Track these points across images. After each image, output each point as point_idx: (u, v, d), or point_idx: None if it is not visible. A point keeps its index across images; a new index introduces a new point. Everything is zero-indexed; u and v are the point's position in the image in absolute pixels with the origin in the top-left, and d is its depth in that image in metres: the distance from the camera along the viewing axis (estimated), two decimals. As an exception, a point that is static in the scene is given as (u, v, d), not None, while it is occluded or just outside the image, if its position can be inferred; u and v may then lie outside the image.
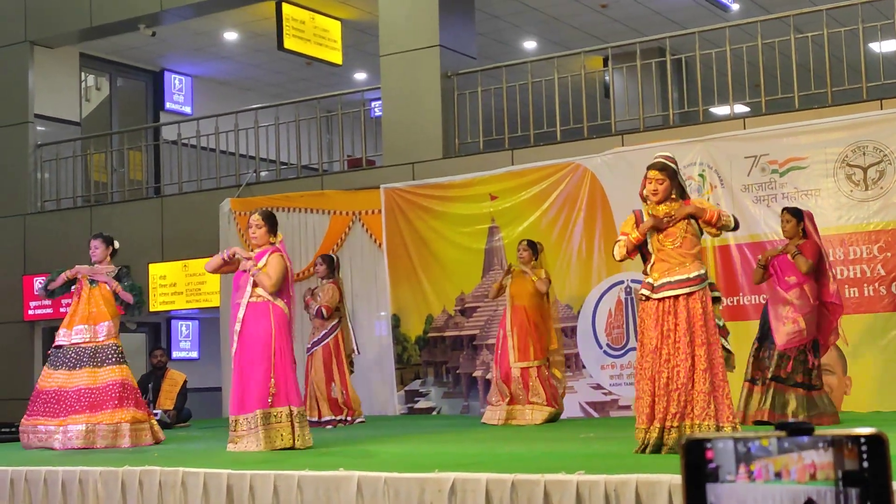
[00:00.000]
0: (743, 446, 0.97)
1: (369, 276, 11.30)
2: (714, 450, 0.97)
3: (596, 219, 10.01)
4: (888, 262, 8.77)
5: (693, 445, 0.98)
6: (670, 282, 5.90)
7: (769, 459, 0.96)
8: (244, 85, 16.71)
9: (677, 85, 11.49)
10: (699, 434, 0.99)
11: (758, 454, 0.97)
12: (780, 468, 0.96)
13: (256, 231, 7.10)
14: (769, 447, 0.97)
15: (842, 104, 9.53)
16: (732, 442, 0.98)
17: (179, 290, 12.94)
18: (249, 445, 6.88)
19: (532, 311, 8.96)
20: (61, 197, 14.22)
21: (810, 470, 0.96)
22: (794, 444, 0.96)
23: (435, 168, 11.20)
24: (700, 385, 5.78)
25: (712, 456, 0.97)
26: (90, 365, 8.01)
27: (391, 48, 11.81)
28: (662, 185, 5.98)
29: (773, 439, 0.97)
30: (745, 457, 0.97)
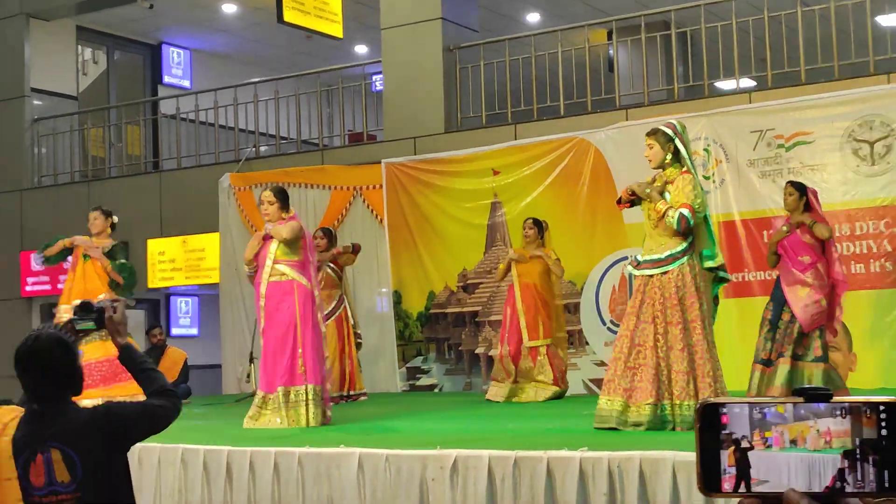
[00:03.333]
0: (758, 412, 0.96)
1: (370, 251, 11.21)
2: (729, 415, 0.96)
3: (599, 194, 9.91)
4: (894, 238, 8.68)
5: (708, 410, 0.97)
6: (647, 261, 6.01)
7: (785, 426, 0.95)
8: (243, 58, 16.57)
9: (682, 59, 11.36)
10: (714, 398, 0.97)
11: (773, 421, 0.96)
12: (796, 435, 0.95)
13: (269, 208, 7.16)
14: (785, 414, 0.95)
15: (848, 78, 9.42)
16: (748, 407, 0.97)
17: (178, 266, 12.86)
18: (272, 422, 6.90)
19: (542, 289, 8.91)
20: (58, 172, 14.12)
21: (826, 437, 0.95)
22: (811, 412, 0.95)
23: (437, 143, 11.10)
24: (678, 365, 5.77)
25: (727, 421, 0.96)
26: (98, 338, 7.96)
27: (392, 21, 11.68)
28: (651, 149, 6.06)
29: (790, 406, 0.95)
30: (759, 423, 0.96)
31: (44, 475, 3.14)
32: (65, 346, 3.25)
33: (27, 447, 3.15)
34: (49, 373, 3.20)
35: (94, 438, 3.20)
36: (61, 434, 3.18)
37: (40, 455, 3.15)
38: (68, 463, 3.14)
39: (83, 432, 3.20)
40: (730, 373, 8.21)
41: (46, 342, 3.23)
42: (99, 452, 3.21)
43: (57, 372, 3.22)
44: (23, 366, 3.23)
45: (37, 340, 3.24)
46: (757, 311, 8.90)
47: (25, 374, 3.23)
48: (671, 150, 6.02)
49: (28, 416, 3.23)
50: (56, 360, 3.22)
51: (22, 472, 3.15)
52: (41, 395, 3.23)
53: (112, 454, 3.29)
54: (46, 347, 3.22)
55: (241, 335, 11.54)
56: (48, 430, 3.19)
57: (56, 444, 3.16)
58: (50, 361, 3.21)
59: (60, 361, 3.23)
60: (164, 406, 3.37)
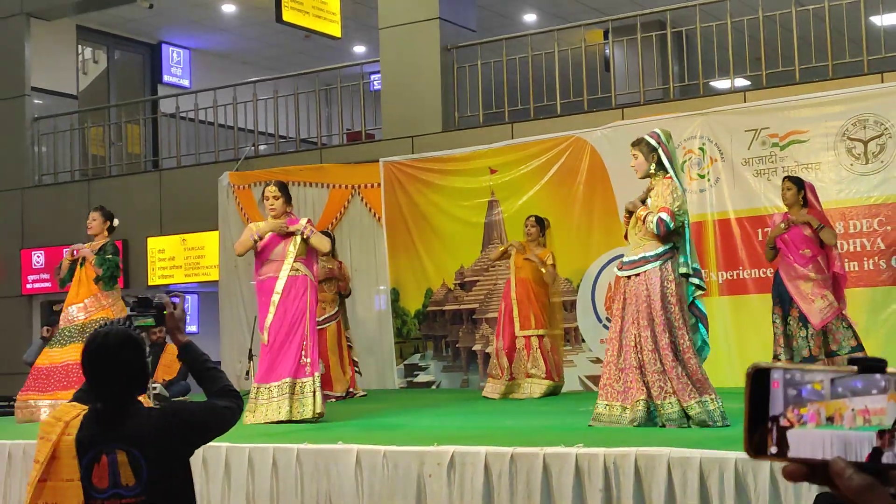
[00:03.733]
0: (793, 389, 0.95)
1: (368, 249, 11.27)
2: (780, 380, 0.95)
3: (595, 192, 9.98)
4: (888, 236, 8.75)
5: (758, 374, 0.96)
6: (626, 262, 6.13)
7: (821, 403, 0.94)
8: (242, 58, 16.62)
9: (678, 58, 11.42)
10: (765, 363, 0.96)
11: (809, 398, 0.95)
12: (833, 412, 0.94)
13: (274, 202, 7.28)
14: (822, 391, 0.94)
15: (843, 77, 9.48)
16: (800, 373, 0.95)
17: (178, 264, 12.92)
18: (271, 414, 6.98)
19: (535, 284, 9.00)
20: (59, 171, 14.17)
21: (864, 415, 0.94)
22: (848, 389, 0.94)
23: (434, 141, 11.16)
24: (650, 366, 5.85)
25: (777, 386, 0.95)
26: (79, 340, 8.02)
27: (390, 21, 11.73)
28: (636, 160, 6.14)
29: (827, 383, 0.94)
30: (795, 400, 0.95)
31: (107, 477, 3.02)
32: (134, 344, 3.17)
33: (92, 447, 3.03)
34: (117, 371, 3.10)
35: (161, 440, 3.09)
36: (128, 435, 3.06)
37: (105, 456, 3.03)
38: (134, 465, 3.03)
39: (150, 434, 3.08)
40: (723, 369, 8.31)
41: (116, 339, 3.13)
42: (165, 455, 3.10)
43: (125, 370, 3.12)
44: (91, 363, 3.12)
45: (106, 337, 3.13)
46: (751, 309, 8.99)
47: (93, 371, 3.13)
48: (655, 160, 6.09)
49: (93, 415, 3.11)
50: (125, 358, 3.12)
51: (84, 473, 3.02)
52: (108, 393, 3.12)
53: (178, 457, 3.17)
54: (115, 344, 3.13)
55: (241, 332, 11.59)
56: (114, 430, 3.07)
57: (122, 446, 3.04)
58: (119, 359, 3.11)
59: (130, 359, 3.13)
60: (229, 407, 3.27)
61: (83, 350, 3.14)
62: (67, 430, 3.05)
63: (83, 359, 3.14)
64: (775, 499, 4.46)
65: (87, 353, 3.13)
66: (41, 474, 3.05)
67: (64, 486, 3.02)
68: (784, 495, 4.45)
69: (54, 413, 3.16)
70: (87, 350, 3.13)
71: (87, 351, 3.13)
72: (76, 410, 3.11)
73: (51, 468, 3.05)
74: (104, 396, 3.12)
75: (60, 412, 3.14)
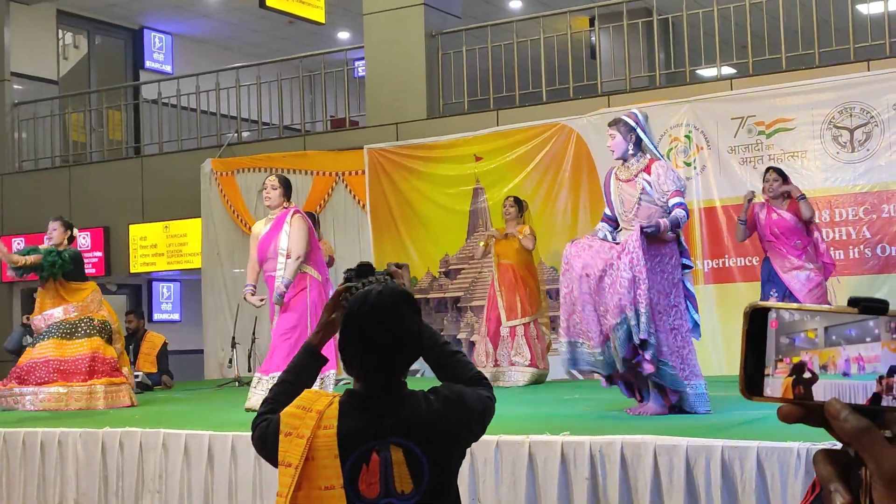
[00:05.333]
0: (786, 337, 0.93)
1: (352, 237, 11.21)
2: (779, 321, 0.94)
3: (581, 180, 9.95)
4: (874, 225, 8.74)
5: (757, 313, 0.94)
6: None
7: (814, 352, 0.93)
8: (225, 44, 16.50)
9: (664, 45, 11.38)
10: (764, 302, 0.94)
11: (802, 346, 0.93)
12: (827, 360, 0.93)
13: (272, 192, 7.19)
14: (815, 339, 0.93)
15: (829, 65, 9.47)
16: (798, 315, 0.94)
17: (160, 252, 12.82)
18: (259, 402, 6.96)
19: (519, 268, 8.95)
20: (39, 157, 14.04)
21: (858, 363, 0.92)
22: (842, 337, 0.93)
23: (419, 128, 11.09)
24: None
25: (776, 326, 0.94)
26: (56, 336, 7.96)
27: (375, 6, 11.65)
28: (613, 139, 6.07)
29: (821, 331, 0.93)
30: (787, 349, 0.93)
31: (379, 482, 2.36)
32: (413, 307, 2.51)
33: (360, 443, 2.38)
34: (394, 339, 2.43)
35: (444, 432, 2.44)
36: (403, 425, 2.41)
37: (376, 455, 2.37)
38: (413, 466, 2.38)
39: (431, 423, 2.42)
40: (710, 357, 8.29)
41: (391, 298, 2.45)
42: (448, 451, 2.47)
43: (404, 338, 2.45)
44: (358, 330, 2.44)
45: (380, 296, 2.44)
46: (738, 297, 8.97)
47: (360, 341, 2.44)
48: (633, 140, 6.02)
49: (354, 401, 2.46)
50: (405, 323, 2.46)
51: (349, 478, 2.36)
52: (377, 370, 2.45)
53: (460, 454, 2.56)
54: (391, 305, 2.44)
55: (223, 321, 11.52)
56: (386, 420, 2.42)
57: (397, 440, 2.39)
58: (397, 324, 2.44)
59: (409, 325, 2.47)
60: (491, 398, 2.62)
61: (345, 318, 2.45)
62: (323, 421, 2.39)
63: (344, 328, 2.45)
64: (762, 486, 4.44)
65: (354, 318, 2.44)
66: (296, 481, 2.37)
67: (321, 496, 2.35)
68: (770, 482, 4.42)
69: (298, 402, 2.46)
70: (353, 314, 2.44)
71: (353, 315, 2.44)
72: (329, 398, 2.46)
73: (304, 473, 2.37)
74: (371, 373, 2.45)
75: (305, 400, 2.45)
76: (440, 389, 2.51)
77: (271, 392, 2.66)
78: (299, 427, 2.41)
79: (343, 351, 2.47)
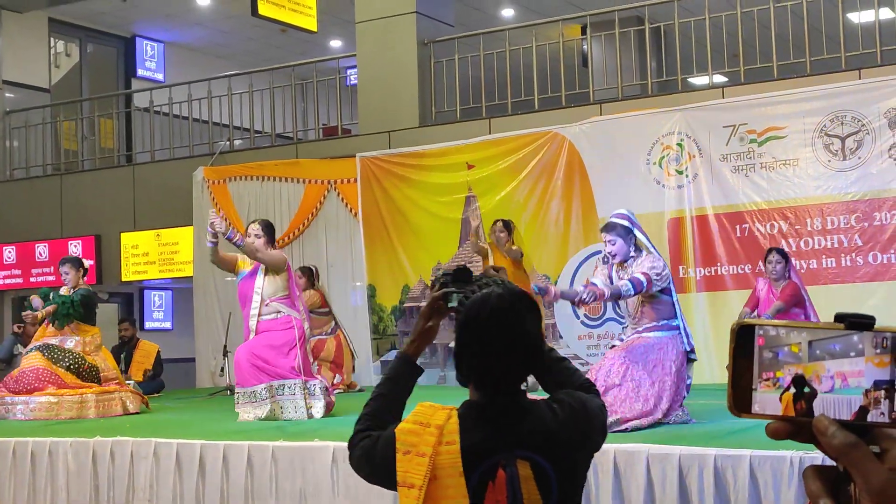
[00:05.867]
0: (769, 352, 0.94)
1: (344, 245, 11.20)
2: (765, 337, 0.94)
3: (573, 188, 9.95)
4: (865, 233, 8.76)
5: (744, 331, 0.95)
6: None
7: (798, 366, 0.93)
8: (217, 52, 16.49)
9: (656, 54, 11.40)
10: (750, 319, 0.96)
11: (786, 360, 0.93)
12: (811, 375, 0.93)
13: (255, 241, 7.20)
14: (799, 353, 0.93)
15: (820, 74, 9.49)
16: (784, 331, 0.94)
17: (152, 260, 12.79)
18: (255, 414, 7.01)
19: (516, 283, 8.94)
20: (30, 165, 14.00)
21: (842, 378, 0.93)
22: (826, 352, 0.93)
23: (411, 137, 11.09)
24: None
25: (763, 343, 0.94)
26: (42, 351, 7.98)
27: (367, 15, 11.65)
28: (615, 245, 5.98)
29: (805, 345, 0.93)
30: (770, 363, 0.93)
31: (506, 499, 2.20)
32: (534, 308, 2.34)
33: (485, 459, 2.22)
34: (516, 344, 2.27)
35: (570, 443, 2.29)
36: (528, 437, 2.24)
37: (502, 470, 2.21)
38: (541, 480, 2.21)
39: (558, 435, 2.27)
40: (701, 366, 8.29)
41: (510, 300, 2.29)
42: (574, 464, 2.31)
43: (525, 342, 2.29)
44: (477, 336, 2.28)
45: (500, 299, 2.28)
46: (729, 305, 8.98)
47: (480, 346, 2.27)
48: (632, 241, 5.99)
49: (474, 413, 2.30)
50: (526, 327, 2.29)
51: (475, 495, 2.21)
52: (498, 377, 2.28)
53: (585, 467, 2.39)
54: (512, 308, 2.29)
55: (215, 328, 11.50)
56: (510, 432, 2.25)
57: (524, 453, 2.23)
58: (519, 327, 2.27)
59: (531, 328, 2.30)
60: (604, 406, 2.45)
61: (462, 323, 2.30)
62: (444, 437, 2.23)
63: (462, 334, 2.30)
64: (754, 494, 4.43)
65: (472, 323, 2.29)
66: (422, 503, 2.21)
67: None
68: (763, 490, 4.42)
69: (414, 417, 2.31)
70: (471, 319, 2.29)
71: (471, 320, 2.29)
72: (443, 410, 2.29)
73: (429, 493, 2.21)
74: (494, 382, 2.28)
75: (422, 415, 2.30)
76: (563, 397, 2.34)
77: (367, 407, 2.50)
78: (418, 444, 2.25)
79: (460, 359, 2.31)
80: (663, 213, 9.49)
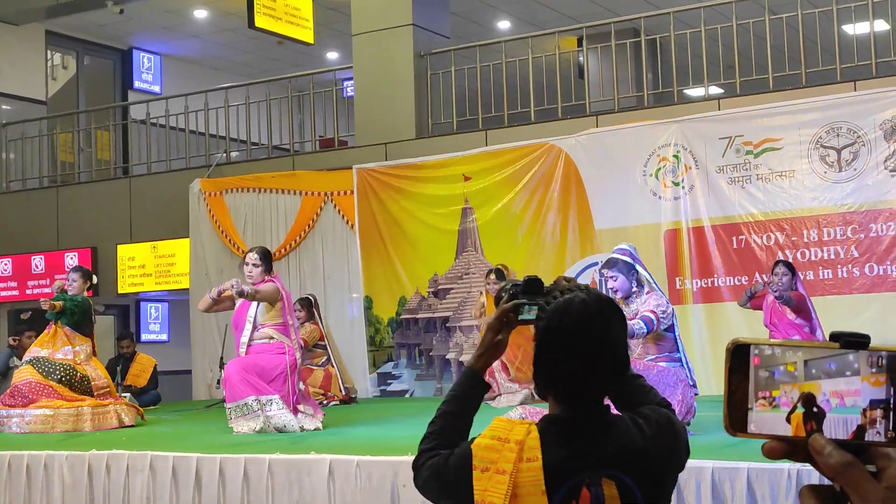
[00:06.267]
0: (765, 371, 0.94)
1: (341, 257, 11.20)
2: (761, 356, 0.94)
3: (570, 200, 9.96)
4: (861, 244, 8.77)
5: (739, 350, 0.95)
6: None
7: (794, 385, 0.93)
8: (214, 64, 16.51)
9: (652, 66, 11.43)
10: (745, 338, 0.95)
11: (782, 379, 0.93)
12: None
13: (253, 270, 7.21)
14: (795, 373, 0.93)
15: (816, 85, 9.52)
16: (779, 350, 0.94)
17: (148, 272, 12.78)
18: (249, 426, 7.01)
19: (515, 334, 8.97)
20: (27, 177, 14.00)
21: (838, 397, 0.93)
22: (822, 371, 0.93)
23: (408, 148, 11.10)
24: None
25: (758, 363, 0.94)
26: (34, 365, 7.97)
27: (363, 27, 11.67)
28: (616, 281, 5.99)
29: (800, 364, 0.93)
30: (766, 383, 0.94)
31: None
32: (619, 315, 2.22)
33: (568, 477, 2.10)
34: (601, 352, 2.15)
35: (656, 461, 2.16)
36: (613, 454, 2.12)
37: (587, 489, 2.09)
38: (627, 500, 2.11)
39: (645, 452, 2.14)
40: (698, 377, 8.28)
41: (597, 306, 2.17)
42: (661, 483, 2.20)
43: (611, 350, 2.17)
44: (559, 344, 2.16)
45: (585, 305, 2.16)
46: (726, 316, 8.99)
47: (563, 355, 2.15)
48: (635, 277, 5.99)
49: (557, 428, 2.17)
50: (612, 334, 2.18)
51: None
52: (582, 388, 2.16)
53: (671, 487, 2.25)
54: (599, 314, 2.16)
55: (212, 341, 11.48)
56: (594, 448, 2.13)
57: (611, 472, 2.11)
58: (604, 335, 2.16)
59: (616, 335, 2.19)
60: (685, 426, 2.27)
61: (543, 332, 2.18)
62: (525, 453, 2.11)
63: (543, 344, 2.18)
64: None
65: (555, 331, 2.17)
66: None
67: None
68: (761, 503, 4.41)
69: (491, 432, 2.18)
70: (553, 327, 2.17)
71: (553, 328, 2.17)
72: (521, 425, 2.16)
73: None
74: (578, 394, 2.16)
75: (499, 430, 2.17)
76: (647, 413, 2.21)
77: (433, 426, 2.36)
78: (497, 461, 2.11)
79: (540, 370, 2.19)
80: (660, 225, 9.50)
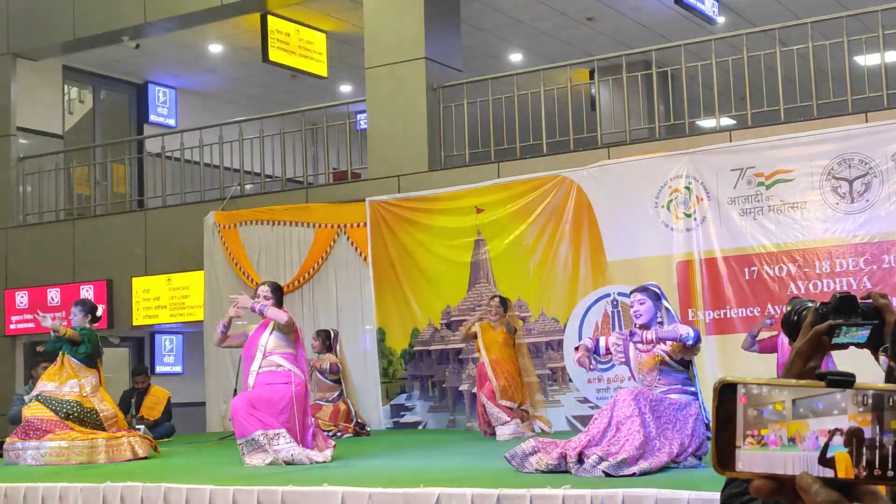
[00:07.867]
0: (754, 410, 0.94)
1: (354, 289, 11.23)
2: (748, 395, 0.95)
3: (582, 231, 9.98)
4: (874, 275, 8.76)
5: (726, 388, 0.95)
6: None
7: (782, 424, 0.94)
8: (229, 97, 16.65)
9: (663, 97, 11.48)
10: (732, 377, 0.95)
11: (770, 418, 0.94)
12: (794, 433, 0.94)
13: (265, 303, 7.23)
14: (783, 412, 0.94)
15: (827, 117, 9.54)
16: (766, 389, 0.95)
17: (163, 304, 12.84)
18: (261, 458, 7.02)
19: (504, 363, 9.09)
20: (44, 210, 14.11)
21: (824, 437, 0.93)
22: (809, 409, 0.93)
23: (421, 181, 11.16)
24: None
25: (745, 402, 0.94)
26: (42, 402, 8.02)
27: (377, 60, 11.77)
28: (643, 305, 6.14)
29: (788, 403, 0.94)
30: (755, 421, 0.94)
31: None
32: None
33: None
34: None
35: None
36: None
37: None
38: None
39: None
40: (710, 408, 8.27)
41: None
42: None
43: None
44: None
45: None
46: (738, 348, 8.96)
47: None
48: (661, 309, 6.18)
49: None
50: None
51: None
52: None
53: None
54: None
55: (225, 373, 11.51)
56: None
57: None
58: None
59: None
60: None
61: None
62: None
63: None
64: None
65: None
66: None
67: None
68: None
69: None
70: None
71: None
72: None
73: None
74: None
75: None
76: None
77: None
78: None
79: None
80: (672, 256, 9.51)
